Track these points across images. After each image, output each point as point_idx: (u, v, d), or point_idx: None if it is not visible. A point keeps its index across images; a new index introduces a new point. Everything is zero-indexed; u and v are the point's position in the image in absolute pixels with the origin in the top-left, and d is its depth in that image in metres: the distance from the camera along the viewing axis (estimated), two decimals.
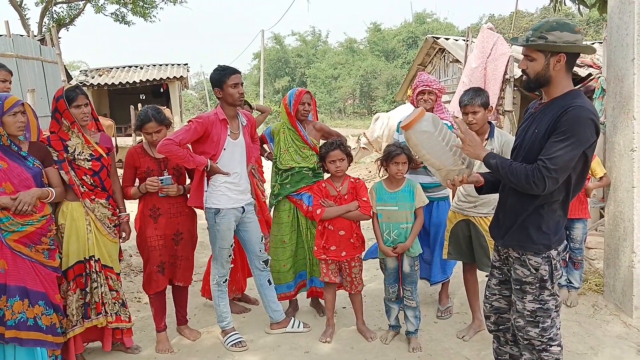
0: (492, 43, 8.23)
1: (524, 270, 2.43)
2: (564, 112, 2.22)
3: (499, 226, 2.55)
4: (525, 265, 2.42)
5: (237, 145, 3.54)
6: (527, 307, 2.44)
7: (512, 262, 2.50)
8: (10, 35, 7.73)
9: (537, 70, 2.32)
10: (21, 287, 2.89)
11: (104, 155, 3.33)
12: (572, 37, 2.25)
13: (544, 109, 2.38)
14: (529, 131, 2.41)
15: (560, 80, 2.33)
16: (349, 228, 3.57)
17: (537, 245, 2.38)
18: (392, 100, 28.61)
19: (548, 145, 2.24)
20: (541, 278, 2.40)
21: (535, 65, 2.32)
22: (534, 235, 2.38)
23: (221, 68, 3.48)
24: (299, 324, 3.86)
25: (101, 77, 16.69)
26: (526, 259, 2.41)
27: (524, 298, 2.45)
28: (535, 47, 2.29)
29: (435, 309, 4.14)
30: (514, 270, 2.48)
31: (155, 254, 3.50)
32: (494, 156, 2.40)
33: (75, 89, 3.29)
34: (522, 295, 2.45)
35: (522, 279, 2.44)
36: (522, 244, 2.42)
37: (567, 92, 2.33)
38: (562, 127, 2.21)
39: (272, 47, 40.65)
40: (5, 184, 2.87)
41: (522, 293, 2.45)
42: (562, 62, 2.28)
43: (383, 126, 11.48)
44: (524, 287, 2.44)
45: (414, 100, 4.00)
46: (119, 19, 18.40)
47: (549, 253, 2.39)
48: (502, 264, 2.63)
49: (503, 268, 2.63)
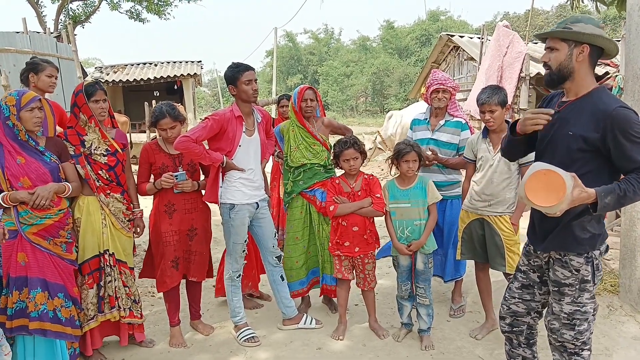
0: (508, 41, 8.17)
1: (564, 272, 2.36)
2: (610, 115, 2.16)
3: (537, 230, 2.47)
4: (566, 267, 2.35)
5: (252, 141, 3.56)
6: (564, 310, 2.38)
7: (552, 264, 2.43)
8: (27, 32, 7.81)
9: (560, 60, 2.27)
10: (41, 280, 2.95)
11: (120, 150, 3.36)
12: (596, 31, 2.23)
13: (572, 107, 2.31)
14: (559, 131, 2.33)
15: (584, 75, 2.29)
16: (363, 224, 3.57)
17: (583, 246, 2.32)
18: (405, 98, 28.54)
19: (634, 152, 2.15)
20: (582, 279, 2.34)
21: (559, 56, 2.27)
22: (580, 236, 2.31)
23: (235, 65, 3.49)
24: (311, 320, 3.87)
25: (116, 73, 16.85)
26: (568, 259, 2.35)
27: (561, 300, 2.39)
28: (560, 36, 2.26)
29: (447, 307, 4.12)
30: (554, 271, 2.41)
31: (170, 249, 3.52)
32: (605, 194, 2.15)
33: (94, 84, 3.33)
34: (559, 297, 2.39)
35: (562, 280, 2.38)
36: (566, 245, 2.35)
37: (594, 90, 2.28)
38: (630, 130, 2.14)
39: (285, 45, 40.73)
40: (23, 179, 2.91)
41: (560, 295, 2.39)
42: (585, 53, 2.24)
43: (396, 124, 11.45)
44: (562, 289, 2.38)
45: (428, 98, 3.98)
46: (133, 16, 18.53)
47: (592, 253, 2.33)
48: (529, 268, 2.57)
49: (529, 273, 2.58)
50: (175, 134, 3.50)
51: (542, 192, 2.07)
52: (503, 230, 3.46)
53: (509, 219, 3.46)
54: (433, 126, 3.96)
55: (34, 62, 3.70)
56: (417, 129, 4.06)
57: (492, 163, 3.45)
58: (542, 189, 2.07)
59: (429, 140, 3.92)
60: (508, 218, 3.47)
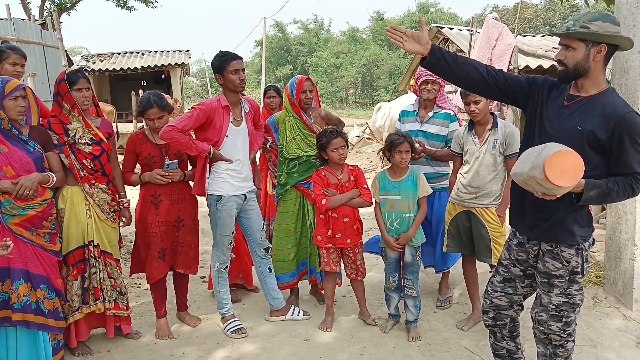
0: (497, 33, 8.17)
1: (555, 263, 2.39)
2: (622, 119, 2.20)
3: (527, 222, 2.48)
4: (557, 258, 2.38)
5: (239, 132, 3.52)
6: (553, 301, 2.41)
7: (541, 255, 2.45)
8: (11, 18, 7.67)
9: (577, 59, 2.27)
10: (24, 271, 2.90)
11: (104, 139, 3.31)
12: (613, 29, 2.23)
13: (582, 105, 2.32)
14: (566, 123, 2.33)
15: (598, 74, 2.30)
16: (352, 215, 3.57)
17: (575, 237, 2.35)
18: (395, 90, 28.53)
19: (634, 159, 2.21)
20: (572, 270, 2.37)
21: (576, 55, 2.27)
22: (573, 228, 2.34)
23: (222, 54, 3.44)
24: (298, 311, 3.87)
25: (102, 62, 16.61)
26: (559, 251, 2.37)
27: (550, 292, 2.42)
28: (579, 36, 2.25)
29: (435, 298, 4.14)
30: (543, 263, 2.43)
31: (156, 240, 3.49)
32: (591, 187, 2.20)
33: (77, 72, 3.27)
34: (548, 289, 2.42)
35: (552, 272, 2.40)
36: (559, 237, 2.37)
37: (606, 90, 2.31)
38: (637, 138, 2.20)
39: (275, 35, 40.48)
40: (6, 168, 2.85)
41: (549, 287, 2.42)
42: (602, 52, 2.25)
43: (385, 116, 11.45)
44: (552, 281, 2.41)
45: (417, 90, 3.97)
46: (120, 4, 18.29)
47: (582, 245, 2.37)
48: (511, 262, 2.59)
49: (510, 267, 2.60)
50: (163, 123, 3.44)
51: (558, 171, 2.06)
52: (489, 222, 3.47)
53: (495, 211, 3.49)
54: (422, 118, 3.95)
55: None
56: (405, 121, 4.05)
57: (478, 155, 3.47)
58: (558, 169, 2.07)
59: (417, 132, 3.90)
60: (494, 210, 3.49)
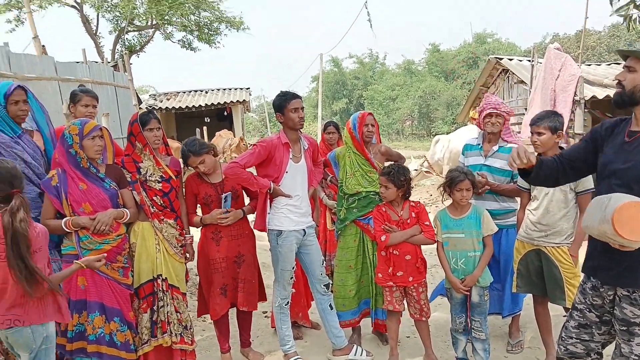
0: (560, 64, 7.93)
1: (634, 310, 2.23)
2: None
3: (601, 266, 2.34)
4: (636, 304, 2.22)
5: (298, 168, 3.58)
6: (634, 351, 2.23)
7: (618, 302, 2.29)
8: (87, 62, 8.24)
9: (637, 82, 2.19)
10: (99, 303, 3.02)
11: (173, 177, 3.45)
12: None
13: None
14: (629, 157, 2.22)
15: None
16: (414, 252, 3.49)
17: None
18: (453, 121, 28.15)
19: None
20: None
21: (637, 77, 2.19)
22: None
23: (282, 94, 3.56)
24: (361, 351, 3.78)
25: (169, 100, 17.49)
26: (638, 296, 2.21)
27: (631, 340, 2.24)
28: None
29: (505, 342, 3.94)
30: (621, 310, 2.27)
31: (218, 276, 3.55)
32: None
33: (148, 113, 3.45)
34: (629, 338, 2.25)
35: (631, 319, 2.24)
36: (637, 281, 2.22)
37: None
38: None
39: (330, 70, 41.15)
40: (85, 204, 3.02)
41: (629, 335, 2.25)
42: None
43: (443, 149, 11.28)
44: (632, 329, 2.24)
45: (480, 123, 3.89)
46: (185, 45, 19.22)
47: None
48: (586, 307, 2.44)
49: (585, 312, 2.44)
50: (208, 165, 3.54)
51: (629, 225, 1.98)
52: (562, 262, 3.29)
53: (568, 250, 3.30)
54: (486, 152, 3.85)
55: (73, 92, 3.78)
56: (469, 154, 3.96)
57: (547, 192, 3.31)
58: (628, 222, 1.98)
59: (481, 167, 3.81)
60: (566, 249, 3.30)
